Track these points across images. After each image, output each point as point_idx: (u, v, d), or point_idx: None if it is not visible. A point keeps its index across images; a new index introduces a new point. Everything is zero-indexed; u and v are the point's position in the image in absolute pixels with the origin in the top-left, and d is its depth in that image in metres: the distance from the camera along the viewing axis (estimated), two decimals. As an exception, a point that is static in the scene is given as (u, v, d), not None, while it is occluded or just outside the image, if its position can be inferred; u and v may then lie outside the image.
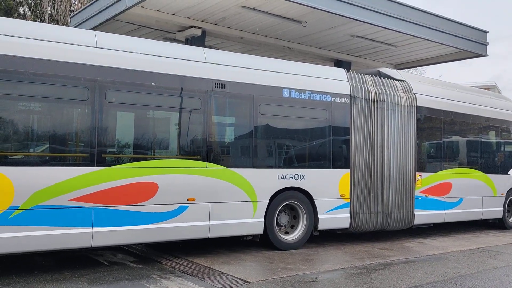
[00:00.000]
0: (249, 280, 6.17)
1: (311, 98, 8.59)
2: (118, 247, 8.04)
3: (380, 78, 9.81)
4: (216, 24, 10.83)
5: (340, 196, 8.78)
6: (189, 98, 7.38)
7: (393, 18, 11.05)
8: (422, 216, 10.04)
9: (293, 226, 8.55)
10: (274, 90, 8.18)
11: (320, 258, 7.86)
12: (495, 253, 8.84)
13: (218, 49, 11.51)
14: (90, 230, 6.37)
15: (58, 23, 20.02)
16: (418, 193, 9.93)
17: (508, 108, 12.67)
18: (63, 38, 6.43)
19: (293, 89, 8.38)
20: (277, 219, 8.25)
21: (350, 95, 9.04)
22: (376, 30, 11.24)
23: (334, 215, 8.72)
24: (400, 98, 9.67)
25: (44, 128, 6.56)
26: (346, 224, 8.89)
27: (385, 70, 10.50)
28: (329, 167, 8.74)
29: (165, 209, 6.97)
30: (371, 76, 9.77)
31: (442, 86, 11.25)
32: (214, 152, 7.55)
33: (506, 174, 12.32)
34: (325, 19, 10.53)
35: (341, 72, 9.33)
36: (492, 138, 12.23)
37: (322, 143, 8.78)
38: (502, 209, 12.04)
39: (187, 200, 7.17)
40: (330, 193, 8.69)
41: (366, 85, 9.39)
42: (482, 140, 11.79)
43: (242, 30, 11.27)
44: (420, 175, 10.03)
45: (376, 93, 9.36)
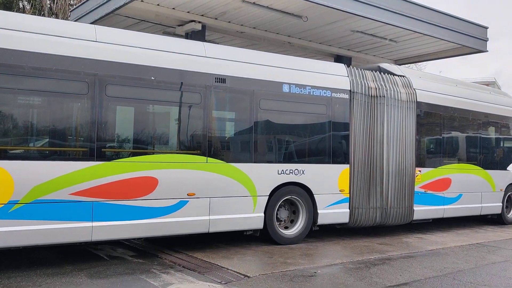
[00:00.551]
0: (248, 274, 6.18)
1: (311, 93, 8.58)
2: (118, 242, 8.06)
3: (380, 73, 9.80)
4: (216, 18, 10.79)
5: (339, 191, 8.79)
6: (189, 93, 7.37)
7: (393, 13, 11.03)
8: (422, 211, 10.05)
9: (292, 221, 8.57)
10: (275, 85, 8.17)
11: (319, 252, 7.88)
12: (494, 248, 8.87)
13: (218, 43, 11.48)
14: (90, 224, 6.38)
15: (57, 17, 19.97)
16: (417, 188, 9.94)
17: (507, 104, 12.68)
18: (63, 32, 6.41)
19: (293, 84, 8.37)
20: (277, 214, 8.26)
21: (350, 91, 9.04)
22: (376, 25, 11.22)
23: (333, 210, 8.74)
24: (400, 93, 9.67)
25: (43, 122, 6.56)
26: (345, 219, 8.90)
27: (385, 65, 10.49)
28: (328, 162, 8.75)
29: (165, 203, 6.97)
30: (371, 71, 9.76)
31: (442, 81, 11.25)
32: (214, 147, 7.55)
33: (505, 170, 12.34)
34: (325, 14, 10.50)
35: (341, 67, 9.32)
36: (491, 134, 12.24)
37: (322, 139, 8.78)
38: (501, 204, 12.06)
39: (187, 195, 7.17)
40: (330, 188, 8.70)
41: (366, 80, 9.38)
42: (482, 135, 11.80)
43: (242, 25, 11.24)
44: (419, 171, 10.05)
45: (376, 88, 9.35)
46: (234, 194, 7.61)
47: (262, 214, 7.92)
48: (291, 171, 8.26)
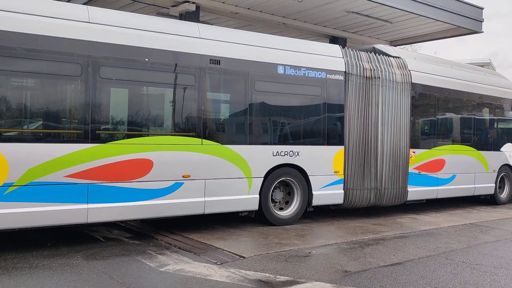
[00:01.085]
0: (244, 255, 6.24)
1: (306, 75, 8.56)
2: (113, 223, 8.10)
3: (375, 54, 9.77)
4: (210, -2, 10.68)
5: (334, 172, 8.84)
6: (183, 74, 7.33)
7: (388, -7, 10.95)
8: (415, 192, 10.14)
9: (287, 202, 8.62)
10: (269, 66, 8.14)
11: (314, 233, 7.95)
12: (486, 228, 8.98)
13: (212, 24, 11.38)
14: (85, 206, 6.40)
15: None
16: (411, 169, 10.01)
17: (502, 85, 12.70)
18: (55, 12, 6.32)
19: (288, 65, 8.34)
20: (272, 195, 8.30)
21: (345, 72, 9.02)
22: (371, 5, 11.13)
23: (328, 191, 8.80)
24: (395, 75, 9.66)
25: (37, 104, 6.51)
26: (340, 200, 8.97)
27: (380, 46, 10.45)
28: (323, 144, 8.78)
29: (160, 185, 6.99)
30: (366, 52, 9.72)
31: (437, 63, 11.23)
32: (209, 128, 7.55)
33: (499, 151, 12.42)
34: (320, -5, 10.41)
35: (336, 48, 9.28)
36: (485, 115, 12.29)
37: (317, 120, 8.79)
38: (494, 185, 12.18)
39: (182, 176, 7.19)
40: (324, 169, 8.74)
41: (361, 61, 9.35)
42: (476, 117, 11.84)
43: (237, 6, 11.12)
44: (413, 152, 10.10)
45: (371, 69, 9.33)
46: (229, 176, 7.64)
47: (257, 196, 7.96)
48: (286, 153, 8.28)
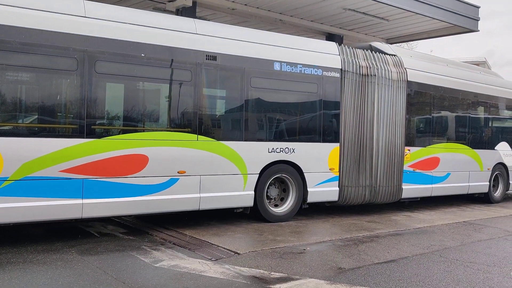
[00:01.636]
0: (238, 251, 6.25)
1: (302, 72, 8.56)
2: (108, 219, 8.08)
3: (371, 52, 9.78)
4: (207, -6, 10.66)
5: (329, 169, 8.85)
6: (179, 70, 7.31)
7: (385, -9, 10.96)
8: (410, 190, 10.18)
9: (282, 199, 8.64)
10: (266, 63, 8.13)
11: (308, 230, 7.97)
12: (480, 226, 9.03)
13: (209, 20, 11.36)
14: (80, 201, 6.38)
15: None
16: (406, 167, 10.04)
17: (497, 84, 12.75)
18: (50, 6, 6.27)
19: (284, 62, 8.33)
20: (267, 192, 8.31)
21: (341, 69, 9.02)
22: (368, 3, 11.15)
23: (323, 188, 8.81)
24: (391, 72, 9.68)
25: (33, 99, 6.48)
26: (335, 197, 8.99)
27: (376, 44, 10.46)
28: (319, 141, 8.79)
29: (155, 181, 6.98)
30: (363, 50, 9.73)
31: (433, 61, 11.26)
32: (205, 125, 7.54)
33: (493, 149, 12.48)
34: (317, -9, 10.41)
35: (332, 45, 9.28)
36: (480, 113, 12.34)
37: (313, 117, 8.79)
38: (488, 183, 12.24)
39: (178, 172, 7.18)
40: (320, 166, 8.76)
41: (358, 59, 9.36)
42: (471, 115, 11.88)
43: (233, 1, 11.11)
44: (408, 150, 10.13)
45: (367, 67, 9.34)
46: (225, 172, 7.64)
47: (253, 192, 7.97)
48: (282, 150, 8.29)
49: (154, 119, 7.45)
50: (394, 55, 10.12)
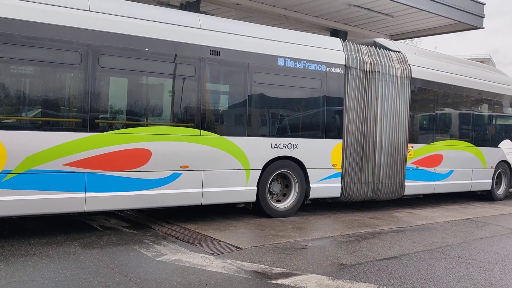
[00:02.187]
0: (240, 246, 6.26)
1: (306, 68, 8.54)
2: (111, 213, 8.11)
3: (375, 48, 9.75)
4: (211, -11, 10.65)
5: (332, 165, 8.85)
6: (183, 65, 7.31)
7: (390, -13, 10.92)
8: (413, 186, 10.17)
9: (285, 195, 8.64)
10: (269, 58, 8.11)
11: (311, 226, 7.98)
12: (482, 224, 9.02)
13: (213, 15, 11.34)
14: (83, 195, 6.41)
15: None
16: (409, 164, 10.03)
17: (501, 81, 12.69)
18: (55, 0, 6.28)
19: (288, 58, 8.32)
20: (269, 187, 8.32)
21: (345, 65, 9.00)
22: (373, -1, 11.12)
23: (325, 184, 8.82)
24: (395, 69, 9.65)
25: (36, 92, 6.49)
26: (337, 193, 8.99)
27: (380, 40, 10.42)
28: (322, 137, 8.78)
29: (158, 175, 7.00)
30: (367, 46, 9.70)
31: (437, 58, 11.22)
32: (208, 120, 7.54)
33: (496, 147, 12.45)
34: (322, -13, 10.38)
35: (336, 41, 9.25)
36: (484, 111, 12.30)
37: (316, 113, 8.78)
38: (491, 181, 12.22)
39: (180, 167, 7.19)
40: (322, 162, 8.76)
41: (362, 55, 9.33)
42: (474, 113, 11.85)
43: (237, -4, 11.10)
44: (412, 147, 10.11)
45: (371, 63, 9.32)
46: (227, 167, 7.65)
47: (255, 187, 7.97)
48: (285, 145, 8.29)
49: (157, 114, 7.46)
50: (398, 52, 10.08)
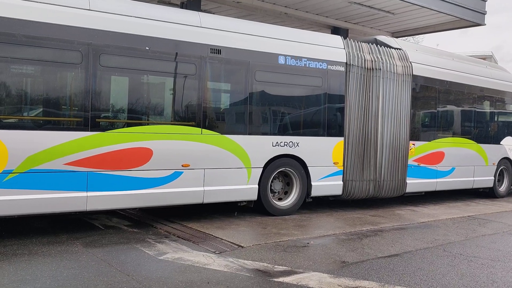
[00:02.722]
0: (242, 244, 6.27)
1: (307, 65, 8.53)
2: (113, 211, 8.12)
3: (376, 46, 9.73)
4: (212, -13, 10.64)
5: (333, 163, 8.84)
6: (184, 64, 7.31)
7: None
8: (414, 184, 10.16)
9: (286, 193, 8.64)
10: (270, 56, 8.10)
11: (312, 224, 7.97)
12: (484, 221, 9.00)
13: (214, 13, 11.33)
14: (84, 194, 6.41)
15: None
16: (410, 161, 10.02)
17: (503, 78, 12.66)
18: (55, 0, 6.28)
19: (289, 56, 8.31)
20: (271, 186, 8.32)
21: (346, 63, 8.99)
22: (374, -4, 11.10)
23: (327, 182, 8.81)
24: (396, 66, 9.63)
25: (37, 92, 6.50)
26: (338, 191, 8.99)
27: (381, 38, 10.41)
28: (323, 135, 8.77)
29: (159, 174, 7.00)
30: (368, 44, 9.68)
31: (438, 55, 11.19)
32: (209, 118, 7.54)
33: (498, 144, 12.42)
34: (322, -15, 10.36)
35: (337, 39, 9.24)
36: (486, 108, 12.27)
37: (317, 111, 8.77)
38: (493, 178, 12.19)
39: (182, 166, 7.19)
40: (324, 160, 8.75)
41: (363, 53, 9.32)
42: (476, 110, 11.82)
43: (238, -5, 11.09)
44: (413, 144, 10.10)
45: (372, 61, 9.30)
46: (229, 166, 7.64)
47: (256, 186, 7.97)
48: (286, 143, 8.28)
49: (158, 113, 7.46)
50: (400, 49, 10.06)
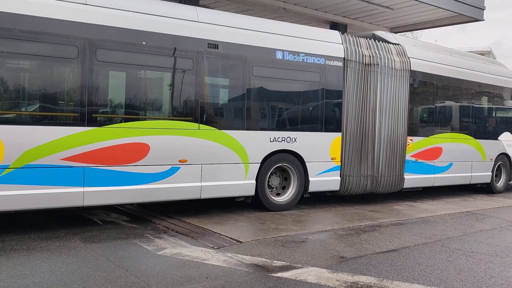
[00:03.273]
0: (241, 239, 6.26)
1: (305, 61, 8.51)
2: (111, 207, 8.11)
3: (374, 41, 9.71)
4: (209, -18, 10.58)
5: (331, 159, 8.84)
6: (181, 59, 7.28)
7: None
8: (412, 179, 10.16)
9: (284, 188, 8.63)
10: (268, 51, 8.08)
11: (310, 219, 7.97)
12: (482, 216, 9.02)
13: (212, 8, 11.27)
14: (81, 189, 6.39)
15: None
16: (408, 157, 10.02)
17: (501, 74, 12.66)
18: (52, -6, 6.25)
19: (287, 51, 8.28)
20: (268, 181, 8.31)
21: (344, 58, 8.97)
22: (372, -9, 11.06)
23: (324, 178, 8.80)
24: (394, 62, 9.61)
25: (33, 86, 6.46)
26: (336, 186, 8.98)
27: (380, 33, 10.38)
28: (321, 131, 8.76)
29: (156, 170, 6.98)
30: (366, 39, 9.66)
31: (437, 50, 11.18)
32: (207, 113, 7.52)
33: (496, 139, 12.43)
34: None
35: (335, 34, 9.21)
36: (484, 103, 12.27)
37: (315, 106, 8.76)
38: (490, 174, 12.21)
39: (179, 161, 7.18)
40: (322, 156, 8.74)
41: (361, 48, 9.29)
42: (474, 105, 11.82)
43: (236, -10, 11.04)
44: (411, 139, 10.10)
45: (370, 56, 9.28)
46: (226, 161, 7.63)
47: (254, 181, 7.96)
48: (283, 139, 8.27)
49: (155, 108, 7.43)
50: (398, 44, 10.04)
